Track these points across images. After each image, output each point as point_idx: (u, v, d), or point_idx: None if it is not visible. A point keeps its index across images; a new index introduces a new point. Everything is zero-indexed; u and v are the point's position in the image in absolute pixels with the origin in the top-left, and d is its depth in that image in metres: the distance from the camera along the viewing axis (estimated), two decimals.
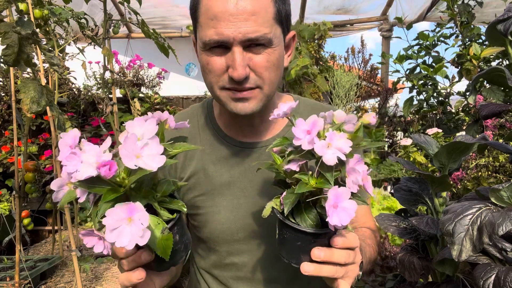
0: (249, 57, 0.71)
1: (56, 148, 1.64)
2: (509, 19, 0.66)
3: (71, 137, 0.53)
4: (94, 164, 0.49)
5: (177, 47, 1.78)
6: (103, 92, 1.83)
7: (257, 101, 0.76)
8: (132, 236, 0.48)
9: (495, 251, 0.74)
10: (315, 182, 0.56)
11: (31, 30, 0.87)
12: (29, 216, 1.72)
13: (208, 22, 0.70)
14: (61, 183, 0.55)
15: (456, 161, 0.82)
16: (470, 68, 2.44)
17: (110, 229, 0.48)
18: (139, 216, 0.49)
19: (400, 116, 3.54)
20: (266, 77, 0.74)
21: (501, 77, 0.69)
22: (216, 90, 0.76)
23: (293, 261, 0.61)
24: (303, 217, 0.58)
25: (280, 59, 0.76)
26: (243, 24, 0.68)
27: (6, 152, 3.07)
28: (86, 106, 3.58)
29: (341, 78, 3.13)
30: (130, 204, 0.49)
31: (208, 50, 0.73)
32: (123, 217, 0.49)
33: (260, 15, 0.69)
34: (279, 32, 0.75)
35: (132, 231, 0.48)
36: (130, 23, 1.79)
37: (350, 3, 3.92)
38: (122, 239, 0.48)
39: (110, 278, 1.82)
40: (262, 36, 0.69)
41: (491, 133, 1.79)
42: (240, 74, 0.70)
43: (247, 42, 0.70)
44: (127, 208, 0.49)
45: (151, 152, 0.51)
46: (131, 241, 0.48)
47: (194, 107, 0.97)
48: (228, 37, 0.68)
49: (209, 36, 0.70)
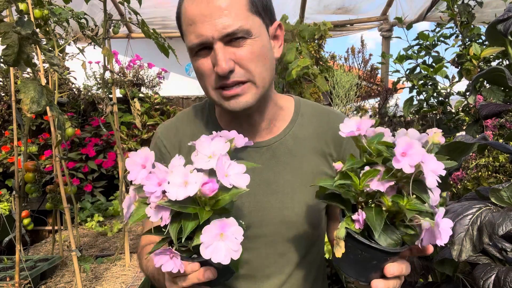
0: (232, 51, 0.73)
1: (56, 148, 1.64)
2: (509, 19, 0.66)
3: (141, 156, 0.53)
4: (182, 184, 0.51)
5: (177, 47, 1.78)
6: (103, 92, 1.83)
7: (250, 95, 0.76)
8: (228, 250, 0.51)
9: (495, 251, 0.74)
10: (408, 203, 0.55)
11: (31, 30, 0.87)
12: (29, 216, 1.72)
13: (188, 28, 0.74)
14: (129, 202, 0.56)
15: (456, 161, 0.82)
16: (470, 68, 2.44)
17: (206, 246, 0.50)
18: (233, 231, 0.51)
19: (400, 116, 3.54)
20: (253, 69, 0.75)
21: (501, 77, 0.69)
22: (210, 91, 0.78)
23: (362, 279, 0.61)
24: (384, 237, 0.57)
25: (264, 49, 0.77)
26: (218, 21, 0.70)
27: (6, 152, 3.07)
28: (86, 106, 3.58)
29: (341, 78, 3.13)
30: (224, 221, 0.51)
31: (195, 55, 0.76)
32: (217, 233, 0.51)
33: (233, 9, 0.71)
34: (258, 22, 0.76)
35: (227, 246, 0.51)
36: (130, 23, 1.79)
37: (350, 2, 3.92)
38: (218, 255, 0.50)
39: (110, 278, 1.82)
40: (238, 29, 0.71)
41: (491, 133, 1.79)
42: (224, 68, 0.71)
43: (226, 38, 0.72)
44: (220, 224, 0.51)
45: (236, 171, 0.54)
46: (227, 256, 0.51)
47: (195, 106, 0.97)
48: (207, 37, 0.71)
49: (192, 41, 0.73)
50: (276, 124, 0.90)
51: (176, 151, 0.89)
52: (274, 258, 0.87)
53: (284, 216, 0.85)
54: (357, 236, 0.57)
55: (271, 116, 0.89)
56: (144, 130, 3.58)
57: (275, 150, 0.88)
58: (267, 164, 0.87)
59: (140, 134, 3.57)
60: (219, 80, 0.75)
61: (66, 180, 1.71)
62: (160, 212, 0.52)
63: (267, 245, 0.86)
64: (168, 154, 0.90)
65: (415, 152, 0.52)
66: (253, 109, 0.81)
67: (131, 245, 2.26)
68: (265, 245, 0.86)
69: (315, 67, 3.40)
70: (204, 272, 0.58)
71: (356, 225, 0.58)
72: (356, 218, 0.58)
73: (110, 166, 3.25)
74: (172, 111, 3.81)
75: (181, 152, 0.89)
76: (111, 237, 2.57)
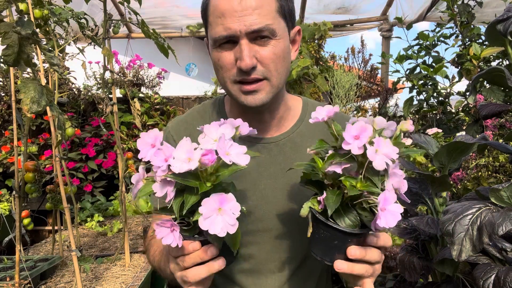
0: (256, 49, 0.76)
1: (56, 148, 1.64)
2: (508, 19, 0.66)
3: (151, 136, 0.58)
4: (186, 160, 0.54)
5: (177, 47, 1.78)
6: (103, 92, 1.83)
7: (266, 93, 0.80)
8: (224, 224, 0.53)
9: (495, 251, 0.74)
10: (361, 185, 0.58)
11: (31, 30, 0.87)
12: (29, 216, 1.72)
13: (216, 20, 0.76)
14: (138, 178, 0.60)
15: (456, 161, 0.83)
16: (470, 68, 2.44)
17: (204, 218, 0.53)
18: (231, 206, 0.54)
19: (400, 116, 3.54)
20: (273, 68, 0.78)
21: (501, 77, 0.69)
22: (228, 84, 0.81)
23: (326, 259, 0.63)
24: (342, 217, 0.60)
25: (285, 51, 0.81)
26: (248, 18, 0.74)
27: (6, 152, 3.07)
28: (86, 106, 3.58)
29: (341, 78, 3.13)
30: (223, 195, 0.54)
31: (218, 47, 0.79)
32: (215, 207, 0.53)
33: (263, 8, 0.75)
34: (282, 25, 0.80)
35: (224, 220, 0.53)
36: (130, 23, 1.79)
37: (350, 2, 3.92)
38: (215, 227, 0.53)
39: (110, 278, 1.82)
40: (266, 27, 0.75)
41: (491, 133, 1.79)
42: (248, 64, 0.74)
43: (252, 34, 0.75)
44: (219, 198, 0.54)
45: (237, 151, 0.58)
46: (223, 229, 0.53)
47: (205, 103, 1.00)
48: (235, 31, 0.74)
49: (219, 33, 0.76)
50: (285, 123, 0.94)
51: None
52: (279, 253, 0.88)
53: (290, 211, 0.87)
54: (317, 215, 0.61)
55: (281, 115, 0.92)
56: (144, 130, 3.58)
57: (283, 146, 0.91)
58: (274, 159, 0.89)
59: (140, 134, 3.57)
60: (240, 75, 0.78)
61: (66, 180, 1.71)
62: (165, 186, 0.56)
63: (272, 239, 0.87)
64: None
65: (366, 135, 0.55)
66: (265, 107, 0.84)
67: (131, 245, 2.26)
68: (270, 239, 0.87)
69: (315, 67, 3.40)
70: (208, 249, 0.59)
71: (320, 206, 0.62)
72: (320, 199, 0.62)
73: (110, 166, 3.25)
74: (172, 111, 3.81)
75: None
76: (111, 237, 2.57)
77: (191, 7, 4.06)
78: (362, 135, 0.55)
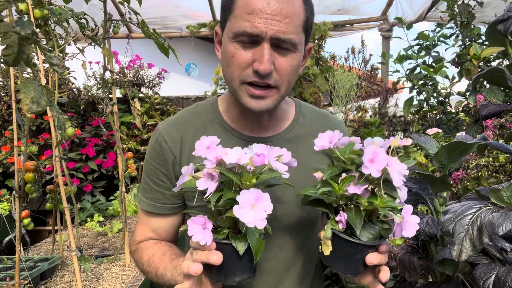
0: (275, 56, 0.77)
1: (56, 148, 1.64)
2: (509, 19, 0.66)
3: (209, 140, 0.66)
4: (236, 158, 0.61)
5: (177, 47, 1.78)
6: (103, 92, 1.83)
7: (272, 101, 0.81)
8: (255, 217, 0.58)
9: (495, 251, 0.74)
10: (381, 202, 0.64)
11: (31, 30, 0.87)
12: (29, 216, 1.72)
13: (244, 15, 0.75)
14: (187, 171, 0.68)
15: (456, 161, 0.82)
16: (470, 68, 2.44)
17: (240, 207, 0.58)
18: (264, 205, 0.59)
19: (400, 116, 3.54)
20: (286, 79, 0.79)
21: (501, 77, 0.69)
22: (236, 83, 0.80)
23: (349, 272, 0.68)
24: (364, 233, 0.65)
25: (299, 65, 0.82)
26: (277, 23, 0.73)
27: (6, 152, 3.07)
28: (86, 106, 3.58)
29: (341, 78, 3.13)
30: (260, 192, 0.59)
31: (236, 42, 0.77)
32: (251, 201, 0.59)
33: (292, 19, 0.75)
34: (303, 40, 0.81)
35: (255, 214, 0.59)
36: (130, 23, 1.79)
37: (350, 3, 3.92)
38: (246, 217, 0.58)
39: (110, 278, 1.82)
40: (289, 39, 0.75)
41: (491, 133, 1.79)
42: (267, 68, 0.74)
43: (275, 41, 0.75)
44: (256, 194, 0.59)
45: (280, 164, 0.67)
46: (252, 221, 0.58)
47: (197, 104, 1.00)
48: (261, 31, 0.73)
49: (244, 28, 0.74)
50: (281, 124, 0.95)
51: (178, 146, 0.90)
52: (274, 252, 0.88)
53: (284, 209, 0.87)
54: (341, 234, 0.65)
55: (277, 117, 0.94)
56: (144, 130, 3.57)
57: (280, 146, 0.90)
58: None
59: (140, 134, 3.57)
60: (253, 76, 0.77)
61: (66, 180, 1.71)
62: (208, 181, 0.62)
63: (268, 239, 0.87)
64: (169, 149, 0.90)
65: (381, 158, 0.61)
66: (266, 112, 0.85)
67: None
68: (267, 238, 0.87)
69: (315, 67, 3.40)
70: (213, 254, 0.62)
71: (340, 225, 0.66)
72: (339, 219, 0.66)
73: (110, 166, 3.25)
74: (172, 111, 3.81)
75: (182, 147, 0.90)
76: (111, 237, 2.57)
77: (191, 7, 4.06)
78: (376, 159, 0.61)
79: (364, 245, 0.65)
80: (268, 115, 0.91)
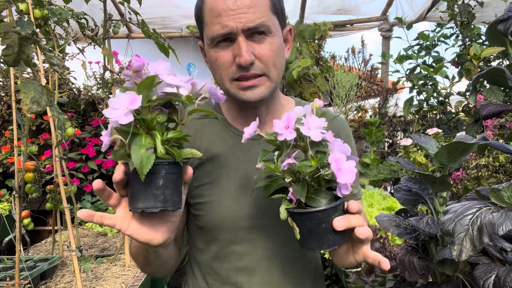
0: (253, 46, 0.79)
1: (56, 148, 1.64)
2: (509, 19, 0.66)
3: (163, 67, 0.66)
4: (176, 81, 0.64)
5: (177, 47, 1.78)
6: (103, 92, 1.82)
7: (266, 87, 0.83)
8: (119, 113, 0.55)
9: (495, 251, 0.74)
10: (315, 161, 0.63)
11: (31, 30, 0.87)
12: (29, 216, 1.72)
13: (213, 19, 0.79)
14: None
15: (456, 161, 0.82)
16: (470, 68, 2.44)
17: (111, 107, 0.57)
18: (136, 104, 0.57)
19: (400, 116, 3.54)
20: (271, 64, 0.82)
21: (501, 77, 0.69)
22: (226, 83, 0.83)
23: (324, 246, 0.64)
24: (317, 200, 0.63)
25: (280, 48, 0.84)
26: (243, 15, 0.77)
27: (6, 152, 3.07)
28: (86, 106, 3.57)
29: (341, 78, 3.13)
30: (134, 94, 0.57)
31: (215, 46, 0.81)
32: (125, 104, 0.57)
33: (257, 7, 0.78)
34: (276, 22, 0.83)
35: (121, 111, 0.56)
36: (130, 23, 1.79)
37: (350, 3, 3.93)
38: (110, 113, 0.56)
39: (110, 278, 1.82)
40: (261, 24, 0.78)
41: (491, 133, 1.79)
42: (247, 59, 0.77)
43: (249, 32, 0.78)
44: (132, 97, 0.57)
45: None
46: (115, 117, 0.55)
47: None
48: (232, 28, 0.77)
49: (216, 31, 0.79)
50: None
51: None
52: (273, 251, 0.88)
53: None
54: (296, 210, 0.64)
55: (275, 112, 0.95)
56: None
57: None
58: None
59: None
60: (238, 71, 0.80)
61: (66, 180, 1.71)
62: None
63: (266, 237, 0.87)
64: None
65: (292, 120, 0.64)
66: (262, 102, 0.87)
67: None
68: (265, 236, 0.87)
69: (315, 67, 3.40)
70: (116, 171, 0.62)
71: (294, 202, 0.66)
72: (290, 197, 0.66)
73: (110, 166, 3.25)
74: None
75: None
76: (111, 237, 2.57)
77: (191, 7, 4.05)
78: (290, 123, 0.64)
79: (320, 211, 0.62)
80: (266, 109, 0.91)
